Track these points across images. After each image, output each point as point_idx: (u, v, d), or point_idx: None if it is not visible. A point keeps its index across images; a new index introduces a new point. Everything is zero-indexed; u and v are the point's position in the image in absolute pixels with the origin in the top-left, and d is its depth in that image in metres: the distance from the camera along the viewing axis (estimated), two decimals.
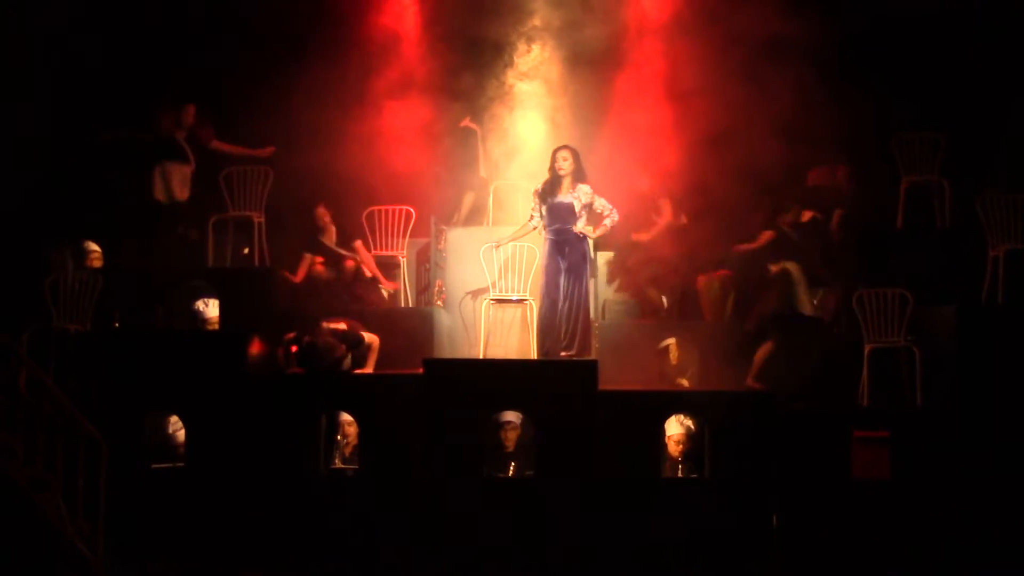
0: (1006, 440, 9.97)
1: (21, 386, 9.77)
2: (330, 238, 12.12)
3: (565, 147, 11.14)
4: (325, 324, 10.25)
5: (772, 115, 11.83)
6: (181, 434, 10.56)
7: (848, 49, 12.55)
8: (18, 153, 12.10)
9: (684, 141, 12.18)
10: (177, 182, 12.34)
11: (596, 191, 11.05)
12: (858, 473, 10.02)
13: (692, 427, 10.47)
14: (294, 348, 10.24)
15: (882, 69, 12.66)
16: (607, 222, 11.02)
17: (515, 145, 13.11)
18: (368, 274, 11.91)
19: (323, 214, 12.17)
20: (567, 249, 10.90)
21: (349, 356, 10.48)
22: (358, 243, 12.00)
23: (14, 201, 12.07)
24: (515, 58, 13.02)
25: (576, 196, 10.91)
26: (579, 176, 11.00)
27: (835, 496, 10.00)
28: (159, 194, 12.28)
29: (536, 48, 13.00)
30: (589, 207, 10.98)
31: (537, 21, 12.98)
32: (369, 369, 10.66)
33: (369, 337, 10.66)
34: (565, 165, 10.97)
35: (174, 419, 10.63)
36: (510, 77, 13.06)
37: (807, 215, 11.88)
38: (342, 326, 10.42)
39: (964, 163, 12.36)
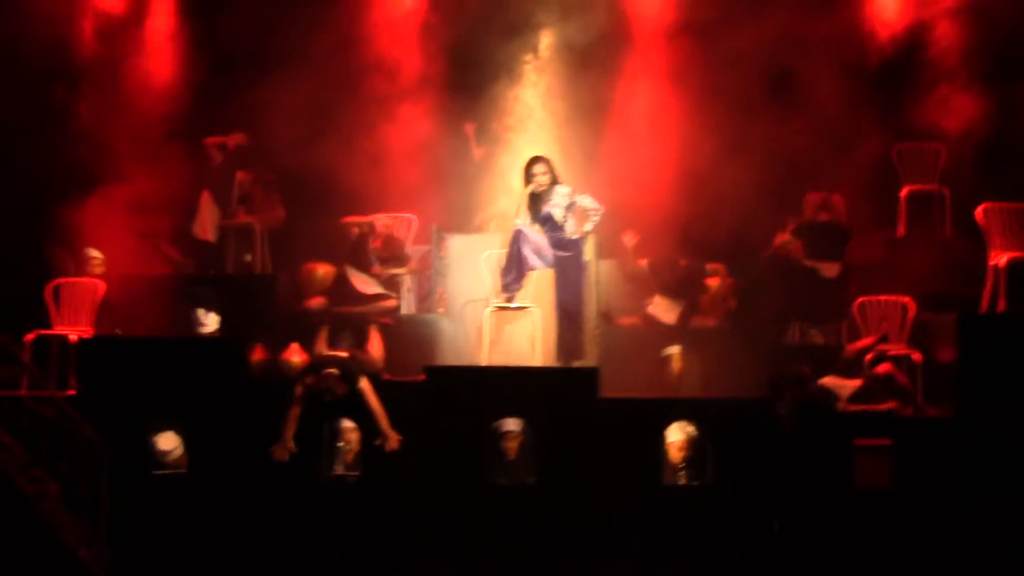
0: (1008, 448, 9.94)
1: (23, 392, 9.80)
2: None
3: (540, 159, 11.10)
4: (328, 370, 10.06)
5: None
6: (164, 441, 10.50)
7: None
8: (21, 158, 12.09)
9: (693, 143, 12.26)
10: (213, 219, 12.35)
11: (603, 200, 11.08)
12: (859, 482, 10.02)
13: (693, 433, 10.47)
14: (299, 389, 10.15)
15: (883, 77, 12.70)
16: (589, 225, 11.00)
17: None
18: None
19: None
20: (562, 255, 10.94)
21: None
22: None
23: (17, 203, 12.07)
24: (520, 69, 13.02)
25: (555, 204, 10.93)
26: (555, 182, 11.01)
27: (836, 505, 9.99)
28: (199, 229, 12.24)
29: (540, 57, 13.00)
30: (571, 207, 10.97)
31: (544, 33, 12.98)
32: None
33: (371, 361, 10.63)
34: (544, 180, 10.98)
35: (164, 439, 10.60)
36: (516, 86, 13.08)
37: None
38: (343, 355, 10.35)
39: (964, 172, 12.41)
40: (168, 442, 10.47)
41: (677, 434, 10.36)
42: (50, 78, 12.51)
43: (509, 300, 11.05)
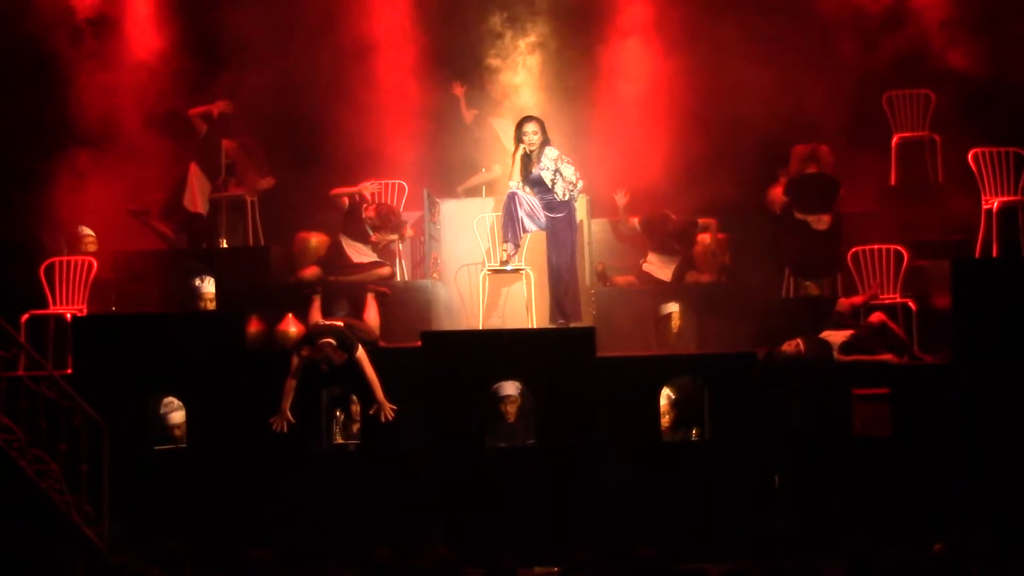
0: (1004, 393, 9.95)
1: (21, 372, 9.80)
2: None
3: (531, 119, 11.13)
4: (324, 340, 9.98)
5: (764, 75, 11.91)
6: (175, 415, 10.57)
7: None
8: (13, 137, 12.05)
9: (682, 99, 12.25)
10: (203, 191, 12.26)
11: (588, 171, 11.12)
12: (858, 430, 10.04)
13: (672, 395, 10.50)
14: (295, 360, 10.11)
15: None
16: (574, 192, 11.02)
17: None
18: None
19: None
20: (552, 217, 10.96)
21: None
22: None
23: (7, 184, 12.04)
24: (509, 29, 13.01)
25: (544, 167, 10.94)
26: (546, 143, 11.03)
27: (836, 454, 10.02)
28: (189, 202, 12.15)
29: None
30: (559, 172, 10.97)
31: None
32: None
33: (367, 330, 10.60)
34: (535, 139, 10.99)
35: (167, 400, 10.63)
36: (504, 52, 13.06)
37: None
38: (339, 324, 10.33)
39: (955, 118, 12.39)
40: (179, 416, 10.54)
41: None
42: (35, 60, 12.43)
43: (504, 263, 11.08)
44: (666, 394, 10.47)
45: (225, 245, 12.28)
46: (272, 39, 12.42)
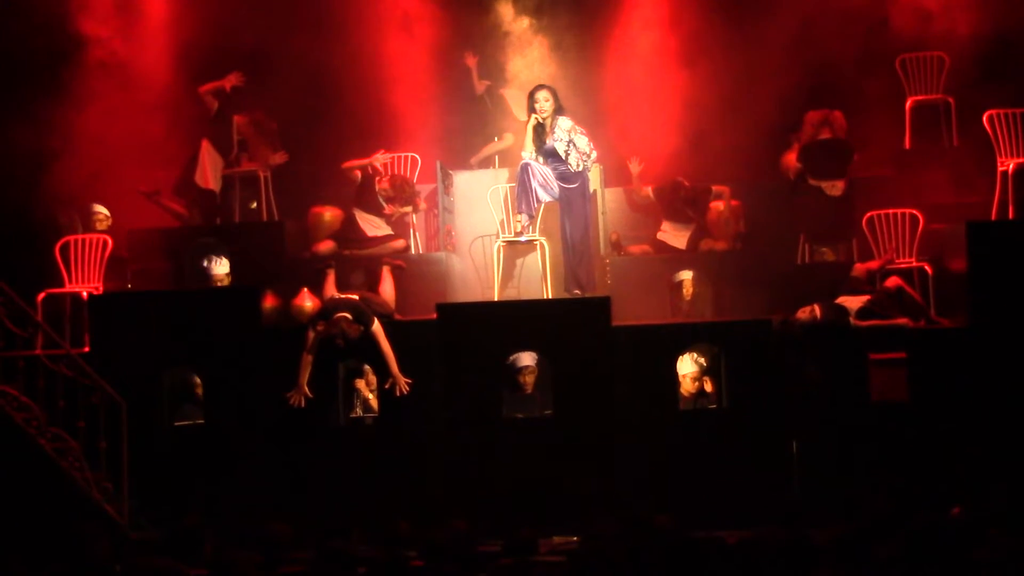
0: (1022, 356, 9.91)
1: (39, 351, 9.83)
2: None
3: (542, 87, 11.13)
4: (339, 314, 9.93)
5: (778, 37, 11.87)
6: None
7: None
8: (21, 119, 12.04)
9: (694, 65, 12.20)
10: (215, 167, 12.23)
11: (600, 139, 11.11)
12: (876, 396, 10.02)
13: (705, 364, 10.48)
14: (311, 334, 10.10)
15: None
16: (587, 163, 11.01)
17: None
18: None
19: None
20: (566, 187, 10.95)
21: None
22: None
23: (23, 165, 12.04)
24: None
25: (558, 138, 10.95)
26: (559, 112, 11.04)
27: (854, 420, 10.00)
28: (200, 178, 12.12)
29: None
30: (572, 143, 10.96)
31: None
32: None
33: (382, 303, 10.60)
34: (547, 106, 10.99)
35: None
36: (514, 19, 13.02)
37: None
38: (354, 297, 10.32)
39: (969, 80, 12.33)
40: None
41: (690, 366, 10.38)
42: (45, 39, 12.42)
43: (518, 234, 11.09)
44: (699, 361, 10.44)
45: (254, 206, 12.28)
46: (283, 15, 12.42)
